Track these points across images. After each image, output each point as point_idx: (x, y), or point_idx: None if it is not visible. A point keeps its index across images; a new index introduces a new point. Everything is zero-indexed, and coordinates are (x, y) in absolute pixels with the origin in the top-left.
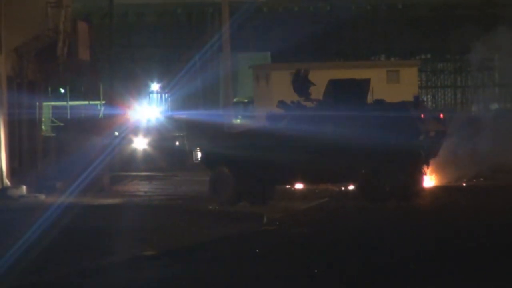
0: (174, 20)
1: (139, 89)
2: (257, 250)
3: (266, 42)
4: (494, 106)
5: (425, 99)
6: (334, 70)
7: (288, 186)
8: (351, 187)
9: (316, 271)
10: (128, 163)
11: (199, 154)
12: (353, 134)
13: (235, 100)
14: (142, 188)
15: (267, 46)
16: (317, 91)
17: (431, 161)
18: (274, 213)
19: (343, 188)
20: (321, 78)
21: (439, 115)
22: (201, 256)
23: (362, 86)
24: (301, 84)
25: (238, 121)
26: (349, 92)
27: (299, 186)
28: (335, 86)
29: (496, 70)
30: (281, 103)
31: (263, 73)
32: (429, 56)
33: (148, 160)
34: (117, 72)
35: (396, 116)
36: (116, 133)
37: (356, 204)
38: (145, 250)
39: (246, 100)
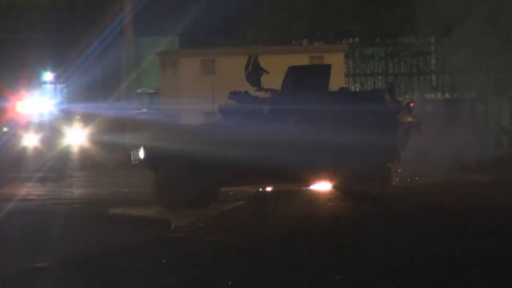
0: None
1: (30, 79)
2: (163, 261)
3: (174, 25)
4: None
5: (352, 88)
6: (246, 58)
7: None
8: (269, 189)
9: (229, 283)
10: (17, 162)
11: (141, 153)
12: (321, 129)
13: (139, 90)
14: (34, 191)
15: (175, 30)
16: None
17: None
18: (184, 218)
19: (261, 189)
20: (233, 65)
21: (409, 104)
22: (99, 267)
23: (324, 72)
24: (254, 72)
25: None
26: (311, 79)
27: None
28: (295, 73)
29: (433, 56)
30: (234, 94)
31: (170, 60)
32: (357, 40)
33: (40, 159)
34: (5, 60)
35: (371, 107)
36: (5, 129)
37: (276, 208)
38: (36, 262)
39: (151, 91)
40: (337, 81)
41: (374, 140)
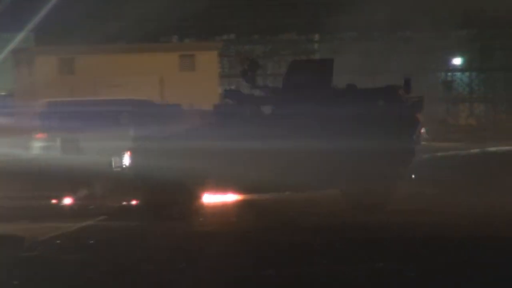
0: None
1: None
2: (15, 282)
3: (29, 20)
4: None
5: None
6: (112, 55)
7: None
8: (134, 202)
9: None
10: None
11: (125, 159)
12: (333, 130)
13: None
14: None
15: (30, 25)
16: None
17: None
18: (40, 234)
19: (125, 203)
20: (94, 64)
21: (419, 101)
22: None
23: (328, 67)
24: (250, 69)
25: None
26: (315, 76)
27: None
28: (298, 69)
29: (318, 54)
30: (230, 92)
31: (24, 58)
32: (232, 36)
33: None
34: None
35: (389, 106)
36: None
37: (142, 224)
38: None
39: (3, 93)
40: (210, 82)
41: (390, 144)
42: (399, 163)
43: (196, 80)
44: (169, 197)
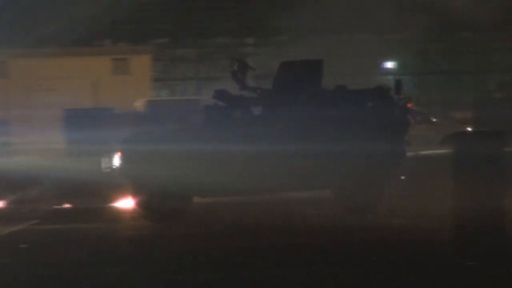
0: None
1: None
2: None
3: None
4: None
5: (161, 94)
6: (45, 59)
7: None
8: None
9: None
10: None
11: (116, 160)
12: (322, 132)
13: None
14: None
15: None
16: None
17: None
18: None
19: (58, 206)
20: (28, 68)
21: (406, 104)
22: None
23: (318, 68)
24: (241, 71)
25: None
26: (306, 77)
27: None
28: (288, 70)
29: (253, 58)
30: (219, 93)
31: None
32: (166, 40)
33: None
34: None
35: (379, 107)
36: None
37: (77, 227)
38: None
39: None
40: (143, 86)
41: (382, 146)
42: (389, 165)
43: (129, 84)
44: (160, 200)
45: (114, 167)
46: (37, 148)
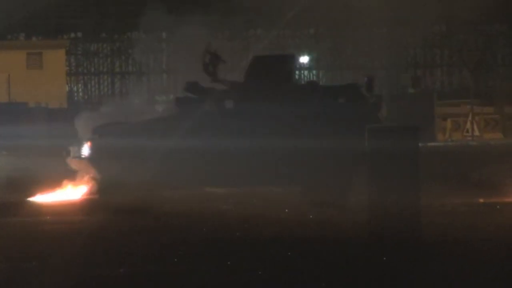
0: None
1: None
2: None
3: None
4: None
5: (75, 89)
6: None
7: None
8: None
9: None
10: None
11: (84, 149)
12: (292, 126)
13: None
14: None
15: None
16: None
17: None
18: None
19: None
20: None
21: (377, 103)
22: None
23: (290, 63)
24: (212, 62)
25: None
26: (278, 71)
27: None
28: (261, 64)
29: (165, 53)
30: (190, 85)
31: None
32: (80, 35)
33: None
34: None
35: (350, 104)
36: None
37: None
38: None
39: None
40: (57, 80)
41: (352, 142)
42: (358, 162)
43: (43, 78)
44: (125, 190)
45: (83, 156)
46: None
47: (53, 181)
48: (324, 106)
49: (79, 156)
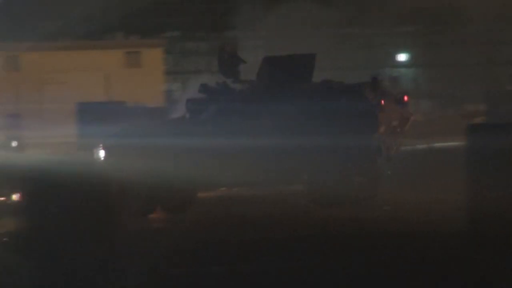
0: None
1: None
2: None
3: None
4: None
5: (173, 88)
6: (58, 52)
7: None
8: None
9: None
10: None
11: (100, 153)
12: (294, 126)
13: None
14: None
15: None
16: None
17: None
18: None
19: None
20: (39, 61)
21: (403, 97)
22: None
23: (306, 63)
24: (228, 62)
25: None
26: (291, 71)
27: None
28: (272, 65)
29: (263, 51)
30: (204, 86)
31: None
32: (177, 33)
33: None
34: None
35: (349, 102)
36: None
37: None
38: None
39: None
40: (155, 79)
41: (350, 139)
42: (360, 160)
43: (142, 77)
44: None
45: (100, 160)
46: (48, 143)
47: None
48: (329, 106)
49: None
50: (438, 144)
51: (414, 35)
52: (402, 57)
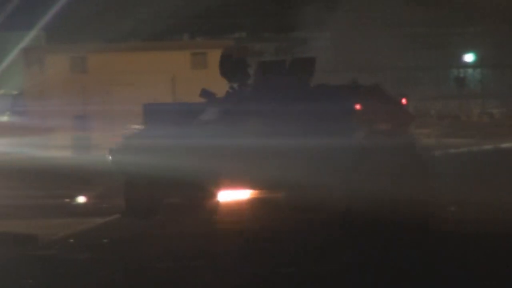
0: None
1: None
2: (30, 281)
3: (41, 18)
4: None
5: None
6: (124, 54)
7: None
8: None
9: None
10: None
11: (110, 157)
12: (280, 131)
13: (1, 92)
14: None
15: (41, 23)
16: None
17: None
18: (54, 233)
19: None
20: (107, 63)
21: (400, 100)
22: None
23: (302, 67)
24: (235, 66)
25: (5, 118)
26: (284, 75)
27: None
28: (265, 69)
29: (331, 51)
30: (205, 92)
31: (36, 56)
32: (244, 35)
33: None
34: None
35: (329, 106)
36: None
37: (154, 222)
38: None
39: (15, 92)
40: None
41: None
42: (344, 162)
43: (208, 78)
44: (145, 195)
45: (110, 161)
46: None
47: None
48: (314, 107)
49: (110, 161)
50: (505, 145)
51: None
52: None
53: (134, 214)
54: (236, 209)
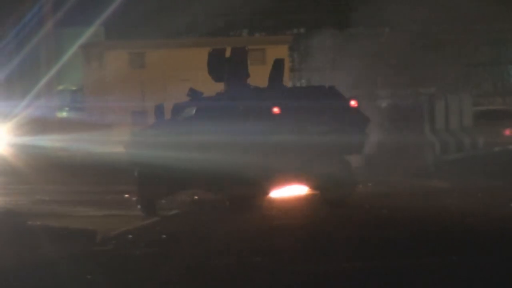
0: None
1: None
2: (88, 276)
3: (100, 14)
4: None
5: (298, 85)
6: (182, 50)
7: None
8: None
9: None
10: None
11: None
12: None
13: (60, 87)
14: None
15: (100, 19)
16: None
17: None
18: (112, 229)
19: (196, 197)
20: (165, 58)
21: (348, 103)
22: (16, 284)
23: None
24: (217, 66)
25: (64, 114)
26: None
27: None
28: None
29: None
30: (192, 91)
31: (95, 53)
32: (302, 30)
33: None
34: None
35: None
36: None
37: (211, 218)
38: None
39: (74, 88)
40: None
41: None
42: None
43: (266, 74)
44: (153, 190)
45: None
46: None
47: None
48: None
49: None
50: None
51: None
52: None
53: (144, 204)
54: (287, 206)
